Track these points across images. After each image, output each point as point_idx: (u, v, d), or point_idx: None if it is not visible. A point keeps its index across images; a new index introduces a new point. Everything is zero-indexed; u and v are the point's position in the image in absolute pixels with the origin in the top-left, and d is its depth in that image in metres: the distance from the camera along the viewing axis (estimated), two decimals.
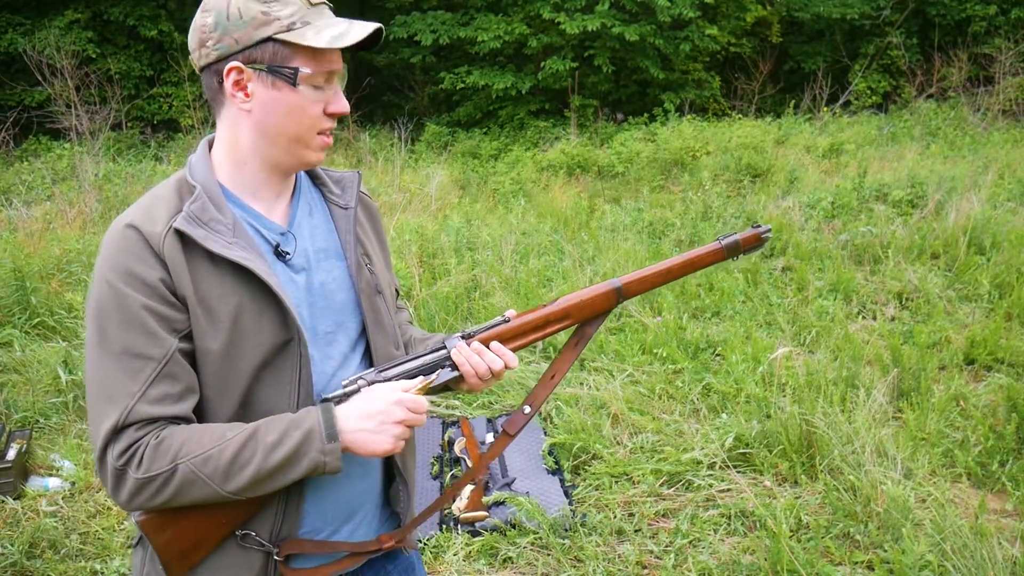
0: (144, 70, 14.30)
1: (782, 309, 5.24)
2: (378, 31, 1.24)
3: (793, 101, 15.09)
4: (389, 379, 1.30)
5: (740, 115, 14.92)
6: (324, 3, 1.25)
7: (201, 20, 1.22)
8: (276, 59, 1.20)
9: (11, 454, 3.57)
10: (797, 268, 5.99)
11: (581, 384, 4.27)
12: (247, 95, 1.22)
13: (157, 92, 14.29)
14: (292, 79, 1.20)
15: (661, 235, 7.05)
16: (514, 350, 1.37)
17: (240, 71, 1.20)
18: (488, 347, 1.35)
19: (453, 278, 5.59)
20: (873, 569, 2.78)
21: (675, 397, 4.14)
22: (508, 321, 1.38)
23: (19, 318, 5.19)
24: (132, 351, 1.14)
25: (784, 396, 3.83)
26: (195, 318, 1.18)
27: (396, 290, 1.54)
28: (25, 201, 8.26)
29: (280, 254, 1.28)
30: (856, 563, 2.82)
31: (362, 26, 1.23)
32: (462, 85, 14.63)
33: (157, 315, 1.16)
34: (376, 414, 1.22)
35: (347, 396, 1.26)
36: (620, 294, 1.42)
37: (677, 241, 6.85)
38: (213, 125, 1.32)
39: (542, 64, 14.59)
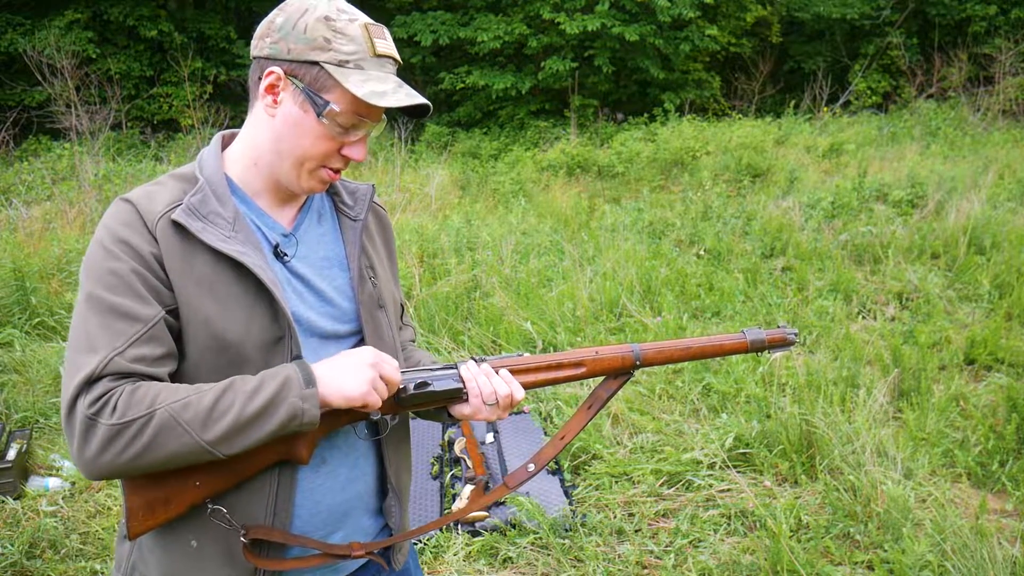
0: (144, 70, 14.31)
1: (782, 309, 5.24)
2: (425, 107, 1.25)
3: (793, 101, 15.10)
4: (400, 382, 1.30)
5: (740, 115, 14.93)
6: (390, 58, 1.25)
7: (273, 15, 1.24)
8: (315, 84, 1.21)
9: (11, 454, 3.57)
10: (797, 268, 5.99)
11: (581, 384, 4.27)
12: (275, 102, 1.23)
13: (157, 92, 14.30)
14: (320, 110, 1.21)
15: (661, 235, 7.05)
16: (524, 386, 1.36)
17: (279, 78, 1.22)
18: (498, 374, 1.34)
19: (453, 278, 5.59)
20: (873, 569, 2.78)
21: (675, 397, 4.14)
22: (521, 357, 1.39)
23: (19, 318, 5.19)
24: (119, 310, 1.14)
25: (784, 396, 3.83)
26: (186, 295, 1.18)
27: (401, 305, 1.54)
28: (25, 201, 8.26)
29: (279, 254, 1.29)
30: (856, 563, 2.82)
31: (408, 94, 1.22)
32: (462, 85, 14.64)
33: (147, 283, 1.17)
34: (349, 360, 1.21)
35: None
36: (637, 358, 1.42)
37: (677, 241, 6.85)
38: (213, 125, 1.32)
39: (542, 64, 14.60)
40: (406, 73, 16.29)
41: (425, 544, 3.05)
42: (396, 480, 1.41)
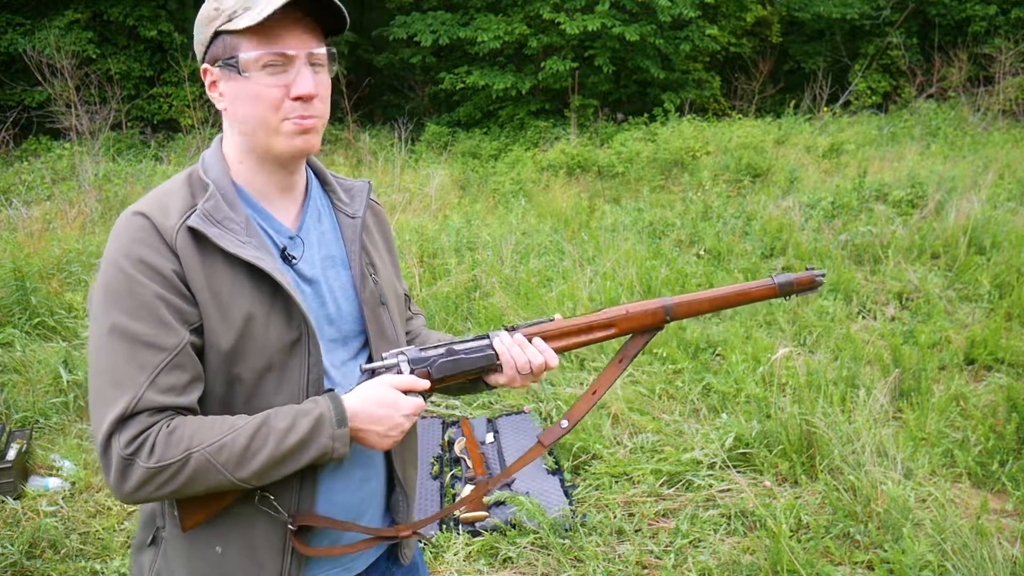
0: (144, 70, 14.30)
1: (782, 309, 5.24)
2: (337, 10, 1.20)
3: (793, 101, 15.10)
4: (430, 359, 1.31)
5: (740, 115, 14.93)
6: None
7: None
8: (225, 52, 1.21)
9: (11, 454, 3.57)
10: (797, 268, 5.99)
11: (581, 384, 4.27)
12: (220, 94, 1.25)
13: (157, 92, 14.29)
14: (236, 67, 1.20)
15: (661, 235, 7.05)
16: (556, 351, 1.38)
17: (208, 72, 1.24)
18: (531, 343, 1.36)
19: (453, 278, 5.59)
20: (873, 569, 2.78)
21: (675, 397, 4.14)
22: (553, 321, 1.39)
23: (19, 318, 5.18)
24: (143, 339, 1.13)
25: (784, 396, 3.83)
26: (207, 315, 1.18)
27: (406, 295, 1.54)
28: (25, 201, 8.26)
29: (287, 258, 1.28)
30: (856, 563, 2.82)
31: None
32: (462, 85, 14.63)
33: (171, 306, 1.15)
34: (384, 419, 1.24)
35: (387, 369, 1.29)
36: (668, 313, 1.41)
37: (677, 241, 6.85)
38: (213, 125, 1.35)
39: (542, 64, 14.60)
40: (406, 72, 16.29)
41: (425, 544, 3.05)
42: (403, 475, 1.42)
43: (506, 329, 1.37)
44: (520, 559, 2.95)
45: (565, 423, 1.42)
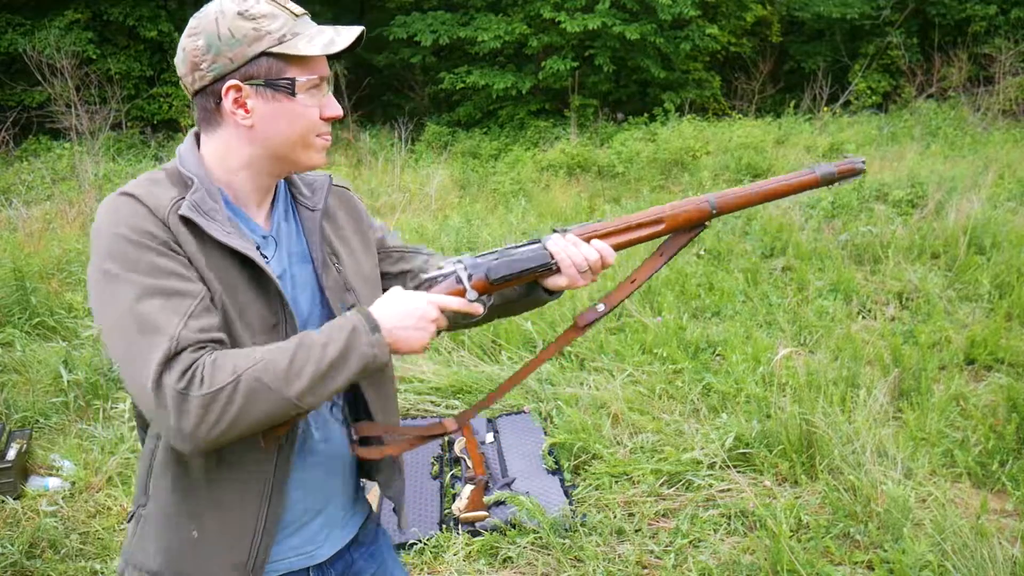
0: (144, 70, 14.30)
1: (782, 309, 5.24)
2: (361, 34, 1.29)
3: (793, 101, 15.09)
4: (487, 263, 1.34)
5: (740, 115, 14.92)
6: (305, 13, 1.30)
7: (191, 44, 1.25)
8: (272, 73, 1.24)
9: (11, 454, 3.57)
10: (797, 268, 5.99)
11: (581, 384, 4.27)
12: (247, 111, 1.25)
13: (157, 92, 14.30)
14: (290, 89, 1.25)
15: None
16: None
17: (239, 88, 1.24)
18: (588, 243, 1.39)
19: None
20: (873, 569, 2.78)
21: (675, 397, 4.14)
22: (600, 222, 1.42)
23: (19, 318, 5.18)
24: (169, 290, 1.16)
25: (784, 396, 3.83)
26: (206, 284, 1.23)
27: (392, 243, 1.57)
28: (25, 201, 8.26)
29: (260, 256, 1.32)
30: (856, 563, 2.82)
31: (348, 31, 1.28)
32: (462, 85, 14.63)
33: (181, 264, 1.19)
34: (414, 311, 1.26)
35: (444, 277, 1.35)
36: (713, 208, 1.43)
37: None
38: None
39: (542, 64, 14.60)
40: (407, 72, 16.29)
41: (425, 544, 3.05)
42: (384, 417, 1.46)
43: (556, 231, 1.38)
44: (520, 559, 2.95)
45: (602, 307, 1.42)
